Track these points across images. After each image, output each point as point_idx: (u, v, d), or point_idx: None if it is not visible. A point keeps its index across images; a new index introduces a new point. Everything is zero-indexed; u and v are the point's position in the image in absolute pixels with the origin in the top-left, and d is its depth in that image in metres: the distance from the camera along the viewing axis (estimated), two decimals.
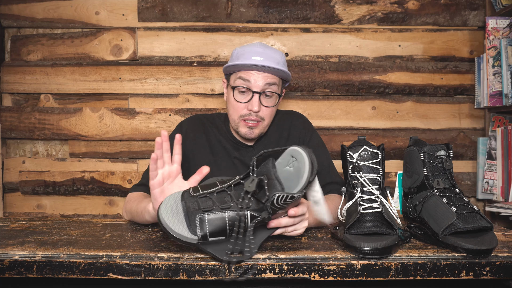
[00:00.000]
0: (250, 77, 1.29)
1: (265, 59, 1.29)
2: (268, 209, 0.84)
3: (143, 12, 2.07)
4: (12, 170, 2.11)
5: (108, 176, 2.09)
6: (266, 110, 1.32)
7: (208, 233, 0.83)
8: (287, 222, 0.91)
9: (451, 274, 0.85)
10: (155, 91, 2.08)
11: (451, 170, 0.99)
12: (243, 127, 1.33)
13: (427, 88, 2.07)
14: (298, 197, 0.83)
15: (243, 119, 1.32)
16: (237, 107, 1.32)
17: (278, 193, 0.82)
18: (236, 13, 2.07)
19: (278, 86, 1.34)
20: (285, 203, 0.83)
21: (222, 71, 1.38)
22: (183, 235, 0.83)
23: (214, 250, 0.83)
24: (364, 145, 1.00)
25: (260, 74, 1.29)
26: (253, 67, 1.28)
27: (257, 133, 1.34)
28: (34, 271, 0.85)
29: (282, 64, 1.34)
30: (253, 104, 1.29)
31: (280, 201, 0.82)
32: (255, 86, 1.29)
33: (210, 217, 0.84)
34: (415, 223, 1.03)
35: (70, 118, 2.07)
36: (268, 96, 1.32)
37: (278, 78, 1.33)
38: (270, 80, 1.30)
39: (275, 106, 1.36)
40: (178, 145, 1.06)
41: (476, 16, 2.07)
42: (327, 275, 0.84)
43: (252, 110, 1.29)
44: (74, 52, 2.09)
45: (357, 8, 2.08)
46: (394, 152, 2.10)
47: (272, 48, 1.36)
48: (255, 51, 1.31)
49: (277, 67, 1.27)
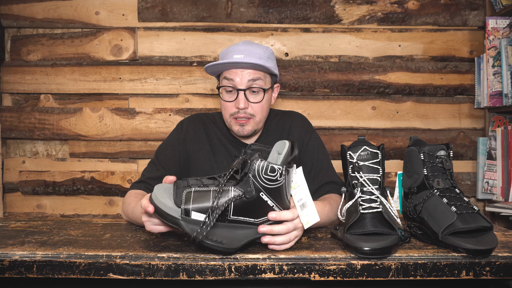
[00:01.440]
0: (234, 75, 1.30)
1: (246, 55, 1.29)
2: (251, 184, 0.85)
3: (143, 12, 2.07)
4: (12, 170, 2.11)
5: (108, 176, 2.09)
6: (255, 106, 1.33)
7: (191, 208, 0.84)
8: (279, 230, 0.89)
9: (451, 274, 0.85)
10: (155, 91, 2.08)
11: (451, 170, 0.99)
12: (234, 125, 1.35)
13: (427, 88, 2.07)
14: (278, 170, 0.85)
15: (233, 117, 1.33)
16: (226, 106, 1.34)
17: (259, 159, 0.85)
18: (236, 13, 2.07)
19: (263, 80, 1.33)
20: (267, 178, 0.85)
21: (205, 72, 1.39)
22: (168, 206, 0.85)
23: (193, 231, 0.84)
24: (364, 145, 1.00)
25: (243, 71, 1.30)
26: (233, 65, 1.29)
27: (249, 130, 1.34)
28: (34, 271, 0.85)
29: (266, 58, 1.33)
30: (239, 102, 1.30)
31: (262, 172, 0.85)
32: (240, 84, 1.30)
33: (196, 192, 0.86)
34: (415, 223, 1.03)
35: (70, 118, 2.07)
36: (254, 92, 1.32)
37: (263, 73, 1.33)
38: (254, 76, 1.30)
39: (266, 101, 1.36)
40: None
41: (476, 16, 2.07)
42: (327, 275, 0.84)
43: (239, 108, 1.30)
44: (74, 52, 2.09)
45: (357, 8, 2.08)
46: (394, 152, 2.10)
47: (256, 44, 1.36)
48: (237, 50, 1.32)
49: (256, 62, 1.27)
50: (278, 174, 0.85)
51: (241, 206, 0.86)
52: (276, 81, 1.42)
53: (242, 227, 0.88)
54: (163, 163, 1.36)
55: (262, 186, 0.86)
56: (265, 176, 0.85)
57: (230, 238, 0.86)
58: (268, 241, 0.90)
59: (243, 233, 0.88)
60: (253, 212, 0.88)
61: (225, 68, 1.32)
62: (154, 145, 2.09)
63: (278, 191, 0.88)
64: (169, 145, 1.42)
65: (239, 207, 0.86)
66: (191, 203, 0.85)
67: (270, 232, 0.89)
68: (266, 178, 0.85)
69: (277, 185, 0.87)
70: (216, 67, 1.32)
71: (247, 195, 0.86)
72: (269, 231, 0.89)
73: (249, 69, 1.30)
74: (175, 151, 1.39)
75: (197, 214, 0.85)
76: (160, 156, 1.38)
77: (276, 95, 1.44)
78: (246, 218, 0.88)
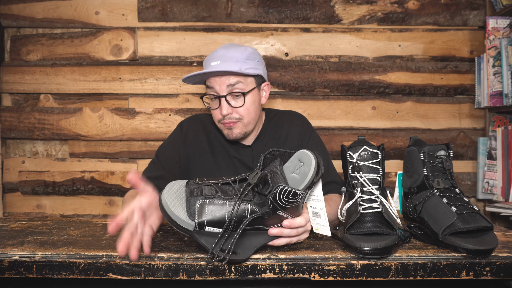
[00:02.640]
0: (213, 83, 1.31)
1: (222, 62, 1.28)
2: (270, 204, 0.84)
3: (143, 12, 2.07)
4: (12, 170, 2.11)
5: (108, 176, 2.09)
6: (240, 110, 1.32)
7: (206, 221, 0.83)
8: (289, 232, 0.90)
9: (451, 274, 0.85)
10: (155, 91, 2.08)
11: (451, 170, 0.99)
12: (224, 129, 1.35)
13: (427, 88, 2.07)
14: (301, 195, 0.83)
15: (221, 123, 1.34)
16: (213, 113, 1.35)
17: (282, 185, 0.82)
18: (236, 13, 2.07)
19: (244, 83, 1.30)
20: (287, 201, 0.83)
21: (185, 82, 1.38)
22: (181, 219, 0.83)
23: (207, 242, 0.82)
24: (364, 145, 1.00)
25: (221, 78, 1.29)
26: (208, 74, 1.29)
27: (238, 132, 1.34)
28: (33, 271, 0.84)
29: (243, 60, 1.29)
30: (222, 109, 1.30)
31: (282, 196, 0.82)
32: (220, 90, 1.30)
33: (210, 205, 0.84)
34: (415, 223, 1.03)
35: (70, 118, 2.07)
36: (237, 96, 1.32)
37: (242, 76, 1.31)
38: (232, 81, 1.29)
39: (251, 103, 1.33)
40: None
41: (476, 16, 2.07)
42: (327, 275, 0.84)
43: (223, 114, 1.30)
44: (74, 52, 2.09)
45: (357, 8, 2.08)
46: (394, 152, 2.10)
47: (234, 47, 1.33)
48: (214, 56, 1.31)
49: (228, 69, 1.25)
50: (299, 197, 0.84)
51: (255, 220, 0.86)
52: (264, 80, 1.38)
53: (252, 234, 0.88)
54: (164, 163, 1.36)
55: (281, 206, 0.84)
56: (285, 199, 0.83)
57: (243, 247, 0.85)
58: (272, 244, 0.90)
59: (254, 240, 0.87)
60: (267, 223, 0.88)
61: (205, 77, 1.32)
62: (154, 145, 2.08)
63: (296, 208, 0.88)
64: (170, 145, 1.42)
65: (253, 221, 0.86)
66: (205, 216, 0.83)
67: (280, 234, 0.89)
68: (287, 201, 0.83)
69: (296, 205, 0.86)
70: (195, 78, 1.32)
71: (264, 216, 0.85)
72: (279, 233, 0.89)
73: (227, 75, 1.29)
74: (175, 152, 1.39)
75: (211, 228, 0.84)
76: (160, 156, 1.38)
77: (268, 93, 1.41)
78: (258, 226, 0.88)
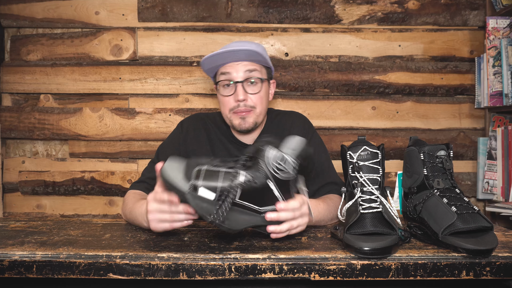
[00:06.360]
0: (230, 69, 1.31)
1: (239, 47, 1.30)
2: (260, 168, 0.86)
3: (143, 12, 2.07)
4: (12, 170, 2.11)
5: (108, 176, 2.09)
6: (254, 98, 1.32)
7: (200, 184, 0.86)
8: (286, 216, 0.92)
9: (451, 274, 0.85)
10: (155, 91, 2.08)
11: (451, 170, 0.99)
12: (235, 119, 1.33)
13: (427, 88, 2.07)
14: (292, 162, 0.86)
15: (233, 112, 1.33)
16: (225, 101, 1.33)
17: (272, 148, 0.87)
18: (236, 13, 2.07)
19: (260, 72, 1.34)
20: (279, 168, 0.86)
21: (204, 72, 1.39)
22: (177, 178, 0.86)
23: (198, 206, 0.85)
24: (364, 145, 1.00)
25: (238, 64, 1.30)
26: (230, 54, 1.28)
27: (251, 122, 1.33)
28: (34, 271, 0.85)
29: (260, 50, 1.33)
30: (238, 94, 1.30)
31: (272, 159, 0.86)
32: (236, 76, 1.30)
33: (206, 168, 0.88)
34: (415, 223, 1.03)
35: (70, 118, 2.07)
36: (252, 83, 1.32)
37: (259, 65, 1.33)
38: (250, 67, 1.31)
39: (265, 93, 1.35)
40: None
41: (476, 16, 2.07)
42: (327, 275, 0.84)
43: (239, 100, 1.30)
44: (74, 52, 2.09)
45: (357, 8, 2.08)
46: (394, 152, 2.10)
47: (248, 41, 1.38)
48: (229, 46, 1.33)
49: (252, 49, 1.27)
50: (288, 166, 0.86)
51: (248, 191, 0.87)
52: (271, 76, 1.42)
53: (245, 213, 0.90)
54: None
55: (271, 174, 0.87)
56: (275, 164, 0.86)
57: (233, 220, 0.87)
58: (274, 230, 0.92)
59: (245, 218, 0.90)
60: (258, 199, 0.90)
61: (222, 62, 1.31)
62: (154, 145, 2.08)
63: (286, 185, 0.89)
64: (170, 144, 1.42)
65: (246, 192, 0.87)
66: (200, 180, 0.86)
67: (277, 219, 0.91)
68: (276, 167, 0.86)
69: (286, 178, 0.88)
70: (212, 61, 1.31)
71: (256, 181, 0.87)
72: (276, 218, 0.90)
73: (245, 61, 1.30)
74: (175, 151, 1.39)
75: (204, 192, 0.85)
76: (160, 156, 1.39)
77: (273, 91, 1.45)
78: (250, 204, 0.90)
